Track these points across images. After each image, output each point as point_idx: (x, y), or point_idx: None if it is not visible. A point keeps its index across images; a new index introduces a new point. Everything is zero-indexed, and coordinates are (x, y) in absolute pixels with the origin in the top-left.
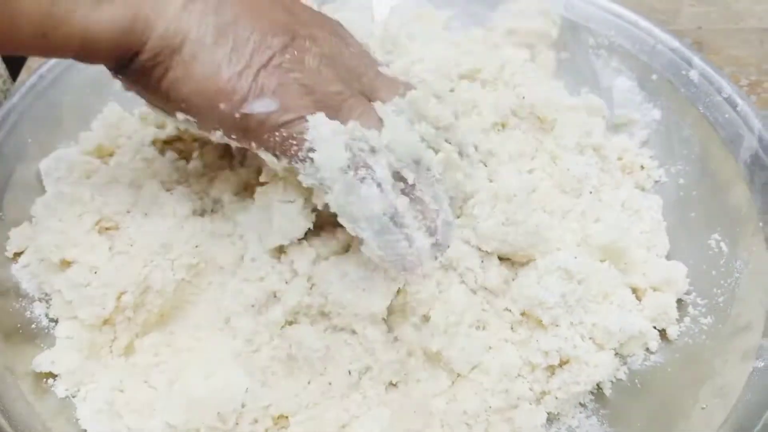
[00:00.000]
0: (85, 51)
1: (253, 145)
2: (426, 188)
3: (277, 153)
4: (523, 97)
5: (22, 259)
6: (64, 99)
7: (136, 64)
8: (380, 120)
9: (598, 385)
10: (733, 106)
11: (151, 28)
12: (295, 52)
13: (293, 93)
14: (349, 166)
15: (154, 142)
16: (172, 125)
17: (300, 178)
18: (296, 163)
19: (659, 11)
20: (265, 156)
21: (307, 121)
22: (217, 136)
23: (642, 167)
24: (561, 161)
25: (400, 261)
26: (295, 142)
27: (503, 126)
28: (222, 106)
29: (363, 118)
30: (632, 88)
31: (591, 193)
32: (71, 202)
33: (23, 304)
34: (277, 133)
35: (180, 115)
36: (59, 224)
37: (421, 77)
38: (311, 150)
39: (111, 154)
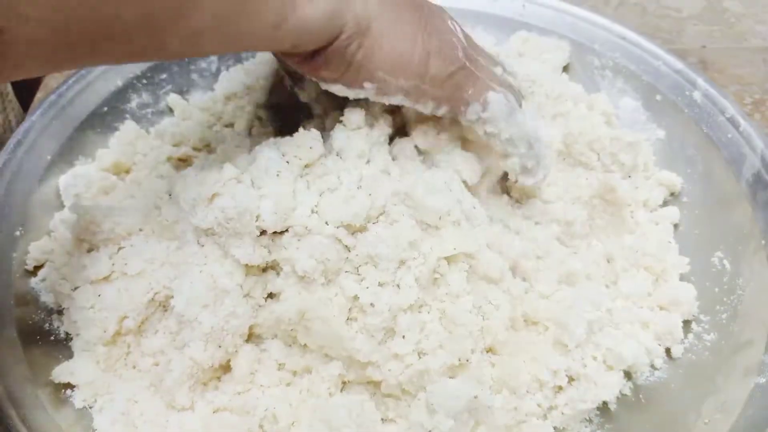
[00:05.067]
0: (302, 40)
1: (430, 104)
2: None
3: (445, 104)
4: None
5: (41, 273)
6: (83, 117)
7: (333, 47)
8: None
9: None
10: (736, 126)
11: (345, 17)
12: (434, 22)
13: (449, 49)
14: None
15: (168, 159)
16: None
17: (464, 119)
18: (462, 107)
19: (664, 30)
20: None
21: (464, 68)
22: (396, 100)
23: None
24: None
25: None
26: (461, 91)
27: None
28: (406, 69)
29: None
30: (637, 108)
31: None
32: (84, 224)
33: (42, 317)
34: (447, 84)
35: (367, 85)
36: (69, 249)
37: None
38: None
39: (127, 171)
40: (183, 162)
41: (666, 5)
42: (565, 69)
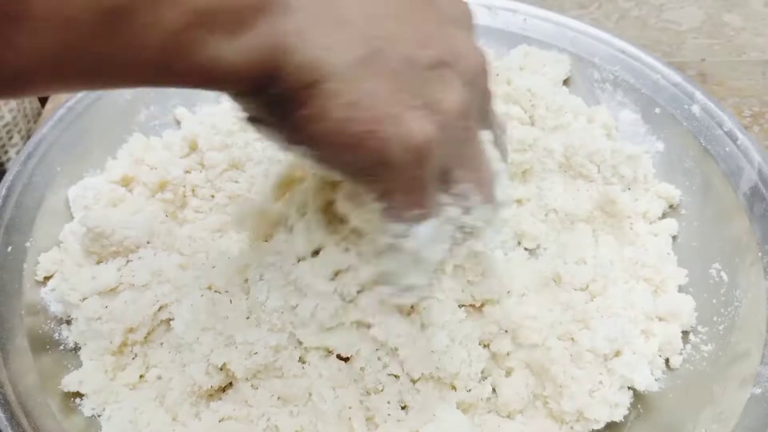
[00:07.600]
0: (211, 83)
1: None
2: None
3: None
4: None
5: (50, 283)
6: (92, 129)
7: (263, 96)
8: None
9: None
10: (734, 139)
11: (290, 58)
12: (439, 89)
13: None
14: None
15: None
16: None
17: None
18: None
19: (664, 43)
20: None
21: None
22: (337, 176)
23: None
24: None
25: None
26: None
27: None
28: (359, 151)
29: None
30: (636, 121)
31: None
32: (94, 237)
33: (52, 326)
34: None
35: (305, 150)
36: (78, 260)
37: None
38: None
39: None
40: (188, 173)
41: (666, 18)
42: (566, 82)
